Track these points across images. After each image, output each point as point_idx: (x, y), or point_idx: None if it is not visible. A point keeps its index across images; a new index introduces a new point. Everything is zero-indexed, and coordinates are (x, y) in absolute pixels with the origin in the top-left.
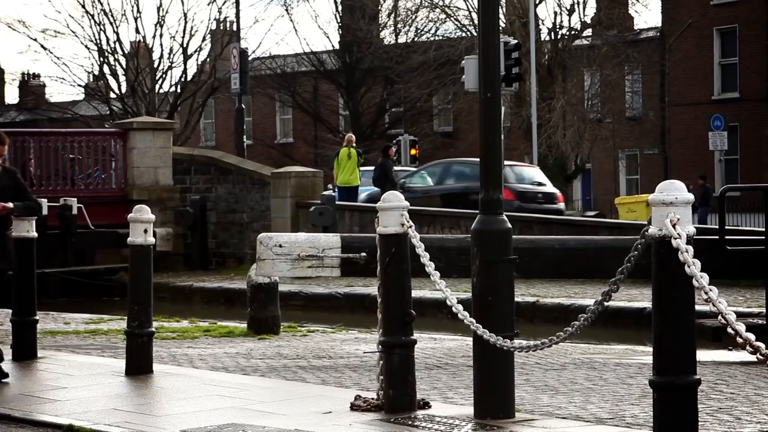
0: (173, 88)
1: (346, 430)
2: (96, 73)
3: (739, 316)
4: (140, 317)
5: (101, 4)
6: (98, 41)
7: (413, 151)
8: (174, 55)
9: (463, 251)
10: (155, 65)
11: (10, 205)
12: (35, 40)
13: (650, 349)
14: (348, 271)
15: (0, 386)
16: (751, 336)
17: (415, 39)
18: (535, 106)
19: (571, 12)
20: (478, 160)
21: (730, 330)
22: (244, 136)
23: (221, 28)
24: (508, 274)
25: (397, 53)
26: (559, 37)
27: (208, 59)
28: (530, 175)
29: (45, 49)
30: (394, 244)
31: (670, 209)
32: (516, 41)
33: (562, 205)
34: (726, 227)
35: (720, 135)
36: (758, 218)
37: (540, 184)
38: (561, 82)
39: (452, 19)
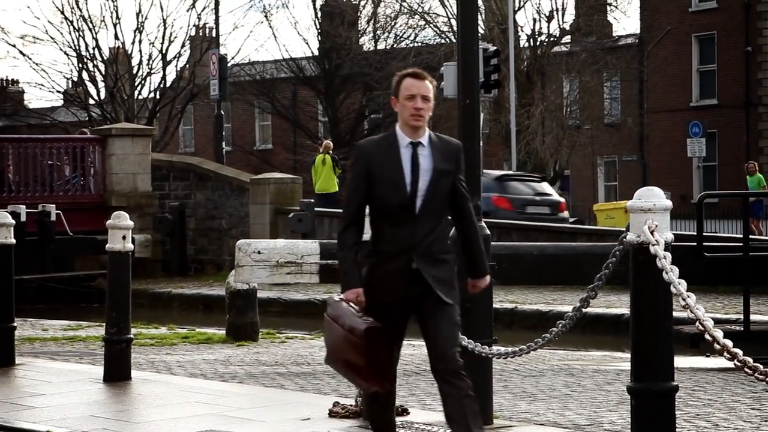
0: (152, 95)
1: None
2: (75, 79)
3: (717, 322)
4: (118, 324)
5: (80, 10)
6: (77, 47)
7: None
8: (153, 61)
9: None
10: (134, 71)
11: (486, 280)
12: (14, 46)
13: (628, 355)
14: (327, 278)
15: None
16: (729, 342)
17: (395, 45)
18: (514, 112)
19: (550, 19)
20: None
21: (707, 336)
22: (223, 143)
23: (200, 34)
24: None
25: (377, 60)
26: (538, 43)
27: (187, 65)
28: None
29: (24, 55)
30: None
31: (649, 216)
32: (495, 48)
33: (565, 214)
34: (704, 234)
35: (698, 142)
36: (736, 225)
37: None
38: (540, 88)
39: (431, 25)
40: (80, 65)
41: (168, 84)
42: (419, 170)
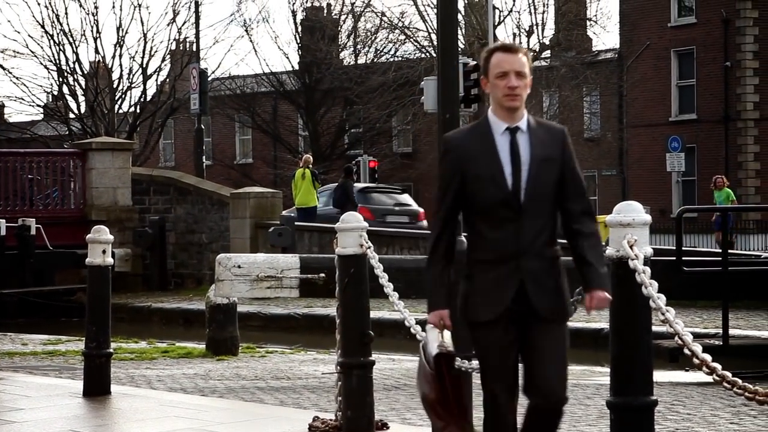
0: (132, 109)
1: None
2: (55, 93)
3: (696, 336)
4: (98, 338)
5: (60, 24)
6: (57, 61)
7: (372, 164)
8: (133, 75)
9: (421, 272)
10: (114, 85)
11: (607, 294)
12: None
13: (607, 369)
14: (307, 292)
15: None
16: (708, 357)
17: (375, 60)
18: None
19: (530, 33)
20: None
21: (687, 351)
22: (204, 157)
23: (181, 48)
24: None
25: (357, 74)
26: None
27: (167, 79)
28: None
29: (4, 69)
30: (353, 264)
31: (628, 230)
32: (475, 62)
33: (423, 223)
34: (683, 248)
35: (677, 156)
36: (714, 239)
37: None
38: None
39: (411, 40)
40: (60, 79)
41: (148, 98)
42: (520, 160)
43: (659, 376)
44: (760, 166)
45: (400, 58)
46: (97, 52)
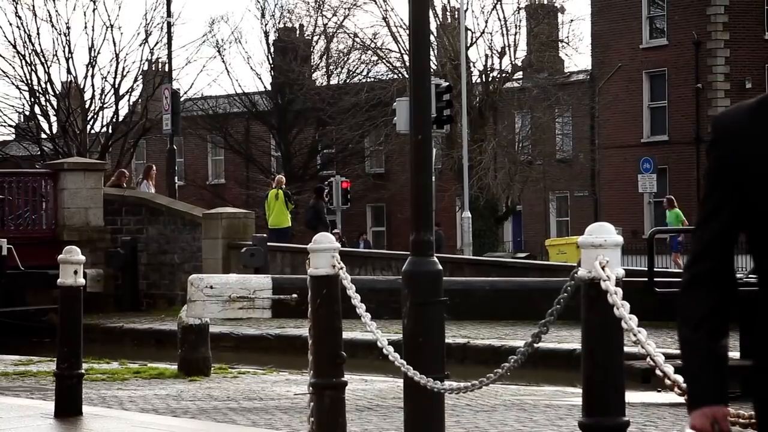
0: (105, 129)
1: None
2: (27, 113)
3: (668, 357)
4: (70, 359)
5: (32, 44)
6: (29, 81)
7: (344, 185)
8: (106, 95)
9: (394, 293)
10: (87, 106)
11: None
12: None
13: (580, 390)
14: (279, 313)
15: None
16: (680, 378)
17: (347, 81)
18: (467, 147)
19: (502, 55)
20: None
21: (658, 372)
22: (176, 177)
23: (153, 68)
24: (439, 316)
25: (329, 95)
26: (490, 79)
27: (139, 100)
28: None
29: None
30: (325, 285)
31: (600, 251)
32: (447, 83)
33: None
34: (655, 269)
35: (649, 177)
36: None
37: None
38: (492, 124)
39: (384, 61)
40: (32, 99)
41: (120, 118)
42: None
43: (631, 396)
44: None
45: (372, 79)
46: (69, 72)
